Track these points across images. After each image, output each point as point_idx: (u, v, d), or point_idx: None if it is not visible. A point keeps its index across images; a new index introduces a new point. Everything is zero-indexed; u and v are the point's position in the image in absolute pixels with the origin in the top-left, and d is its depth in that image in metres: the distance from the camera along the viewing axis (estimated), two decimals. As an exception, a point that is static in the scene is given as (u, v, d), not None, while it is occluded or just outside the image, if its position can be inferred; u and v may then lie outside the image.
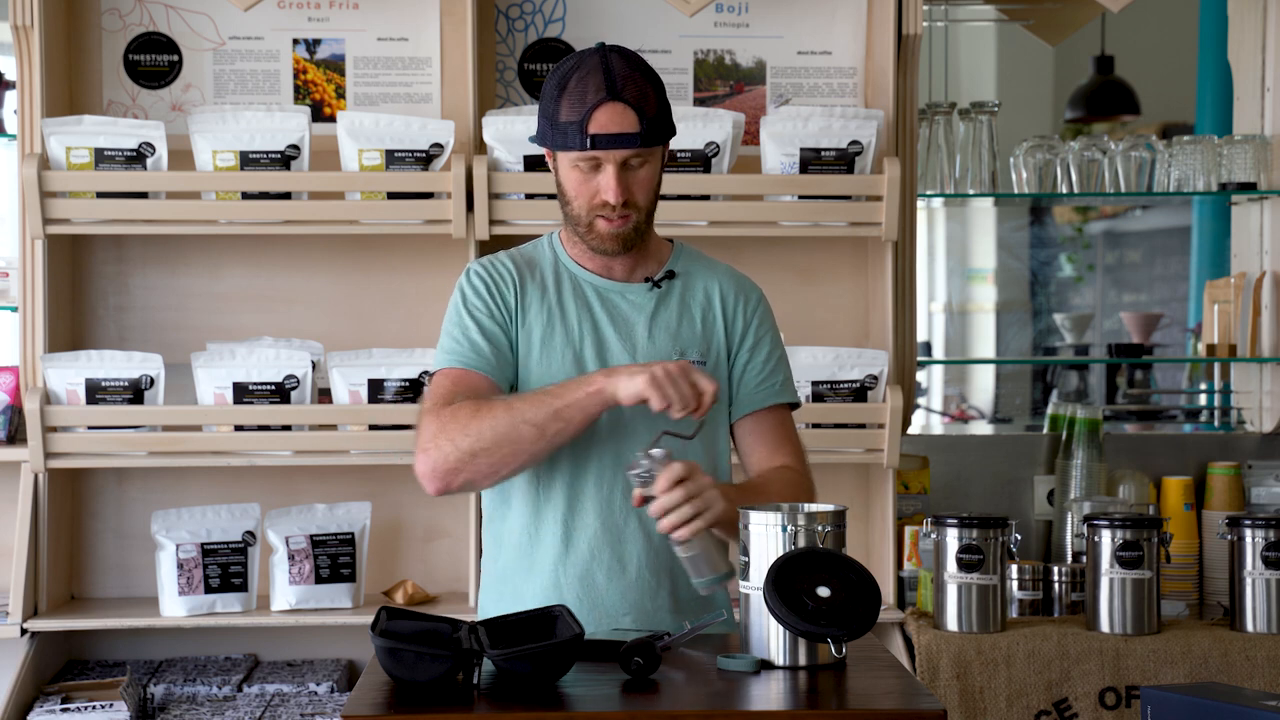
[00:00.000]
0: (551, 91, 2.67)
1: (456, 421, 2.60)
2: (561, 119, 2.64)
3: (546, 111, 2.68)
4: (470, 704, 2.22)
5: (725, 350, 2.80)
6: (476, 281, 2.76)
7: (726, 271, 2.87)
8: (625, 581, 2.71)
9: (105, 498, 3.92)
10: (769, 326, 2.86)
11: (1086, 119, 7.82)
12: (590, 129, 2.61)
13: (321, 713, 3.58)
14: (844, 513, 2.48)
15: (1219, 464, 4.15)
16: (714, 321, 2.80)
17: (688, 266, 2.83)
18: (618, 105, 2.61)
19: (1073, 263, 9.90)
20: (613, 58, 2.65)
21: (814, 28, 4.02)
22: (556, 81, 2.66)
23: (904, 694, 2.29)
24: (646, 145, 2.64)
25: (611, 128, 2.61)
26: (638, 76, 2.65)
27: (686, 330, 2.78)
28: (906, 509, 4.00)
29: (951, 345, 9.73)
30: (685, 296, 2.80)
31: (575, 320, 2.75)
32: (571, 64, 2.67)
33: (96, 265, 3.91)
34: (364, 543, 3.78)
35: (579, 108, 2.62)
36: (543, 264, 2.80)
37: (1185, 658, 3.50)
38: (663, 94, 2.69)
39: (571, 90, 2.63)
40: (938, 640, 3.51)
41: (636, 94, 2.63)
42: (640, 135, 2.62)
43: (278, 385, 3.67)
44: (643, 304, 2.77)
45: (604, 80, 2.61)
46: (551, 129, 2.67)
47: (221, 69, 3.92)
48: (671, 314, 2.78)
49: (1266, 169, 4.22)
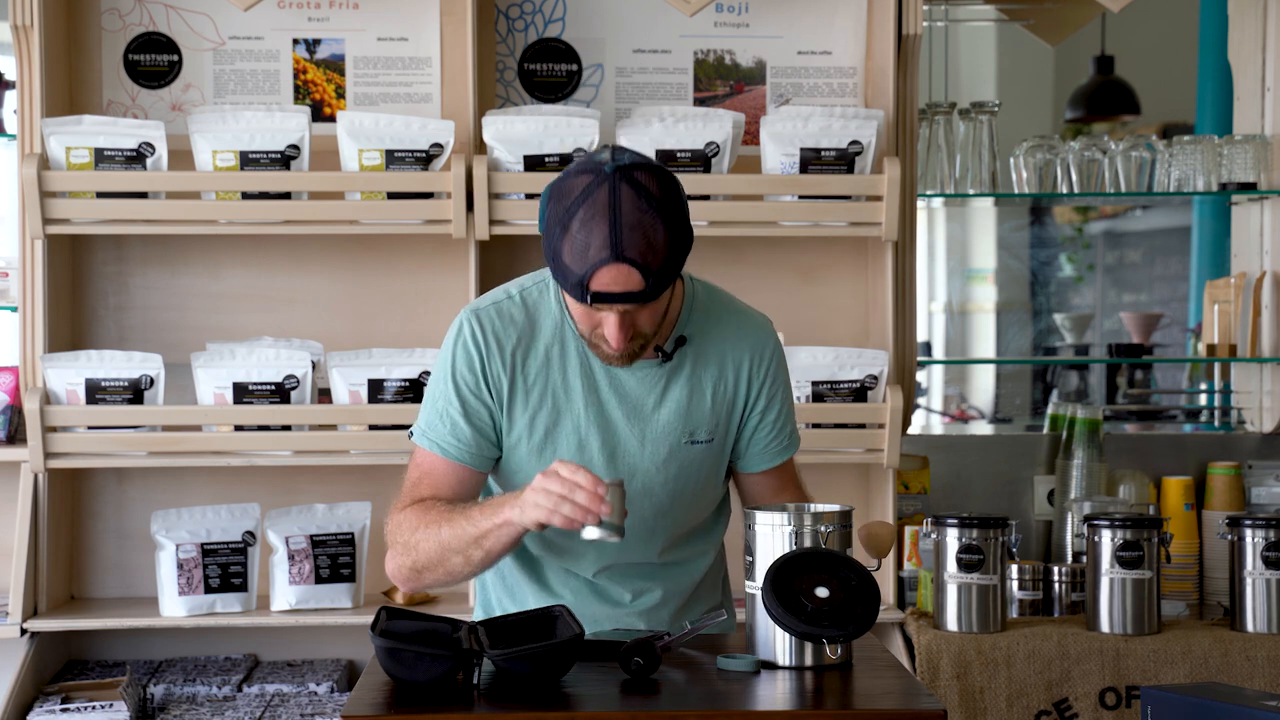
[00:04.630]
0: (555, 224, 2.46)
1: (402, 534, 2.60)
2: (564, 262, 2.45)
3: (550, 239, 2.47)
4: (470, 704, 2.22)
5: (737, 420, 2.70)
6: (471, 349, 2.61)
7: (739, 326, 2.71)
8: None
9: (105, 498, 3.92)
10: (780, 381, 2.73)
11: (1086, 119, 7.81)
12: (591, 286, 2.44)
13: (321, 713, 3.58)
14: (850, 513, 2.48)
15: (1219, 464, 4.15)
16: (724, 393, 2.67)
17: (700, 325, 2.67)
18: (621, 266, 2.42)
19: (1073, 263, 9.89)
20: (623, 193, 2.43)
21: (814, 28, 4.02)
22: (561, 213, 2.46)
23: (904, 694, 2.29)
24: (650, 300, 2.47)
25: (614, 287, 2.44)
26: (647, 219, 2.43)
27: (696, 408, 2.66)
28: (906, 509, 4.00)
29: (951, 345, 9.73)
30: (697, 369, 2.66)
31: (581, 405, 2.62)
32: (578, 194, 2.44)
33: (96, 265, 3.91)
34: (364, 543, 3.78)
35: (580, 261, 2.43)
36: (544, 323, 2.63)
37: (1185, 658, 3.50)
38: (676, 226, 2.47)
39: (575, 234, 2.43)
40: (938, 640, 3.51)
41: (643, 247, 2.42)
42: (644, 293, 2.45)
43: (278, 385, 3.67)
44: (653, 381, 2.64)
45: (608, 235, 2.41)
46: (554, 264, 2.48)
47: (221, 69, 3.92)
48: (682, 391, 2.65)
49: (1266, 169, 4.22)
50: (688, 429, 2.65)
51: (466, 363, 2.62)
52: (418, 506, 2.61)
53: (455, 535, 2.53)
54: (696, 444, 2.67)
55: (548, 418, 2.62)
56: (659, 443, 2.64)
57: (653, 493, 2.66)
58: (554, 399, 2.62)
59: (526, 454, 2.64)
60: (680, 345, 2.64)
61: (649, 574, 2.73)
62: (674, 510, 2.70)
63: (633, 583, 2.71)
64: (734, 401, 2.69)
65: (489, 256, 3.83)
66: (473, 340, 2.62)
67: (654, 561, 2.72)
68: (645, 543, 2.70)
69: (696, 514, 2.75)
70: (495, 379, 2.61)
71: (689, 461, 2.67)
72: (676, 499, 2.69)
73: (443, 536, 2.54)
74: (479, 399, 2.62)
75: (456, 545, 2.53)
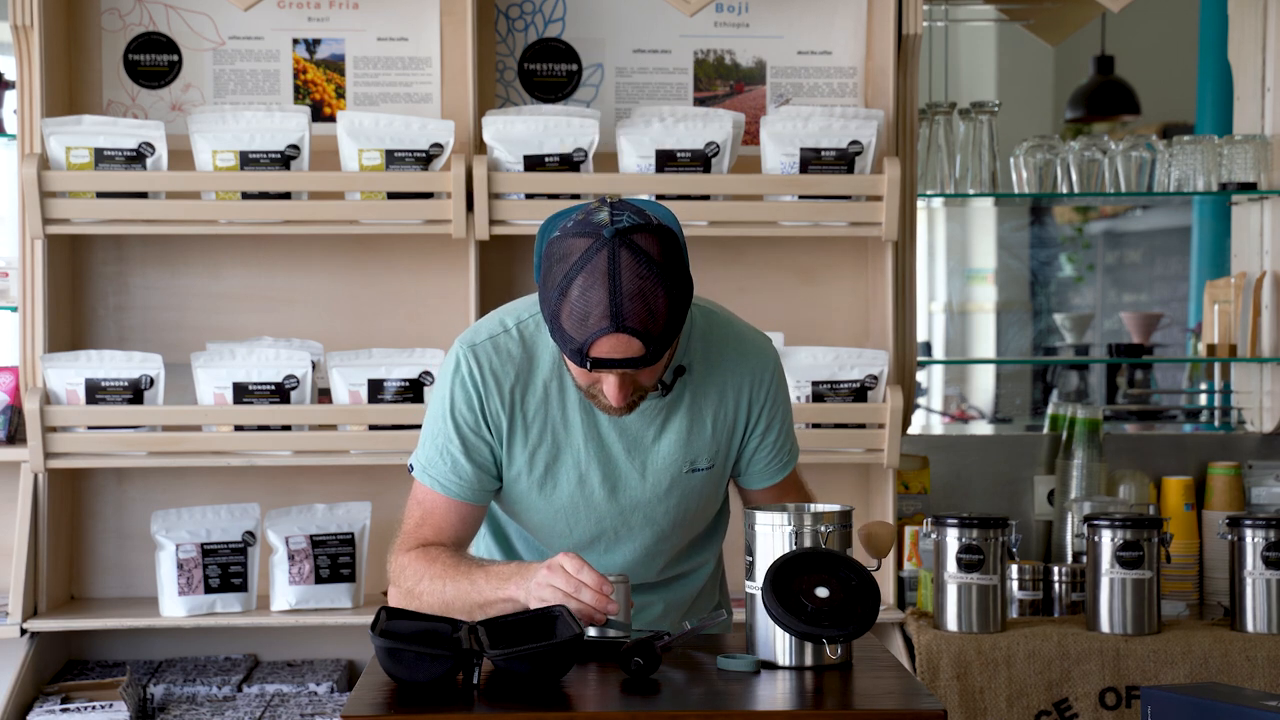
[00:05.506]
0: (554, 289, 2.41)
1: (406, 580, 2.61)
2: (563, 328, 2.41)
3: (548, 303, 2.43)
4: (470, 704, 2.22)
5: (737, 443, 2.68)
6: (470, 388, 2.58)
7: (739, 352, 2.67)
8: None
9: (105, 498, 3.92)
10: (780, 403, 2.70)
11: (1086, 119, 7.81)
12: (591, 354, 2.40)
13: (321, 713, 3.58)
14: (850, 513, 2.47)
15: (1219, 464, 4.15)
16: (724, 420, 2.65)
17: (700, 353, 2.63)
18: (621, 336, 2.38)
19: (1073, 263, 9.89)
20: (622, 259, 2.37)
21: (814, 28, 4.01)
22: (560, 279, 2.40)
23: (904, 694, 2.29)
24: (651, 364, 2.44)
25: (614, 354, 2.40)
26: (648, 286, 2.38)
27: (697, 438, 2.63)
28: (906, 509, 4.00)
29: (951, 345, 9.73)
30: (696, 398, 2.63)
31: (581, 440, 2.60)
32: (576, 260, 2.39)
33: (96, 265, 3.91)
34: (364, 543, 3.78)
35: (580, 329, 2.39)
36: (543, 359, 2.60)
37: (1185, 658, 3.50)
38: (677, 289, 2.42)
39: (574, 301, 2.38)
40: (938, 640, 3.51)
41: (644, 316, 2.38)
42: (644, 359, 2.41)
43: (278, 385, 3.67)
44: (652, 414, 2.61)
45: (608, 305, 2.36)
46: (553, 327, 2.44)
47: (221, 69, 3.92)
48: (682, 422, 2.62)
49: (1266, 169, 4.22)
50: (688, 458, 2.64)
51: (465, 401, 2.59)
52: (422, 555, 2.60)
53: (459, 596, 2.54)
54: (698, 471, 2.66)
55: (548, 454, 2.61)
56: (660, 474, 2.63)
57: (655, 522, 2.67)
58: (553, 435, 2.60)
59: (527, 488, 2.63)
60: (679, 375, 2.62)
61: (649, 589, 2.74)
62: (674, 535, 2.71)
63: (634, 597, 2.71)
64: (734, 427, 2.67)
65: (489, 256, 3.83)
66: (470, 379, 2.58)
67: (653, 580, 2.74)
68: (646, 566, 2.71)
69: (696, 529, 2.76)
70: (494, 416, 2.59)
71: (690, 489, 2.67)
72: (678, 525, 2.69)
73: (446, 594, 2.55)
74: (479, 436, 2.60)
75: (459, 606, 2.53)
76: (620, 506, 2.63)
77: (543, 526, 2.67)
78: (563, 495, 2.62)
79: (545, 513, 2.64)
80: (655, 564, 2.72)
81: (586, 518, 2.64)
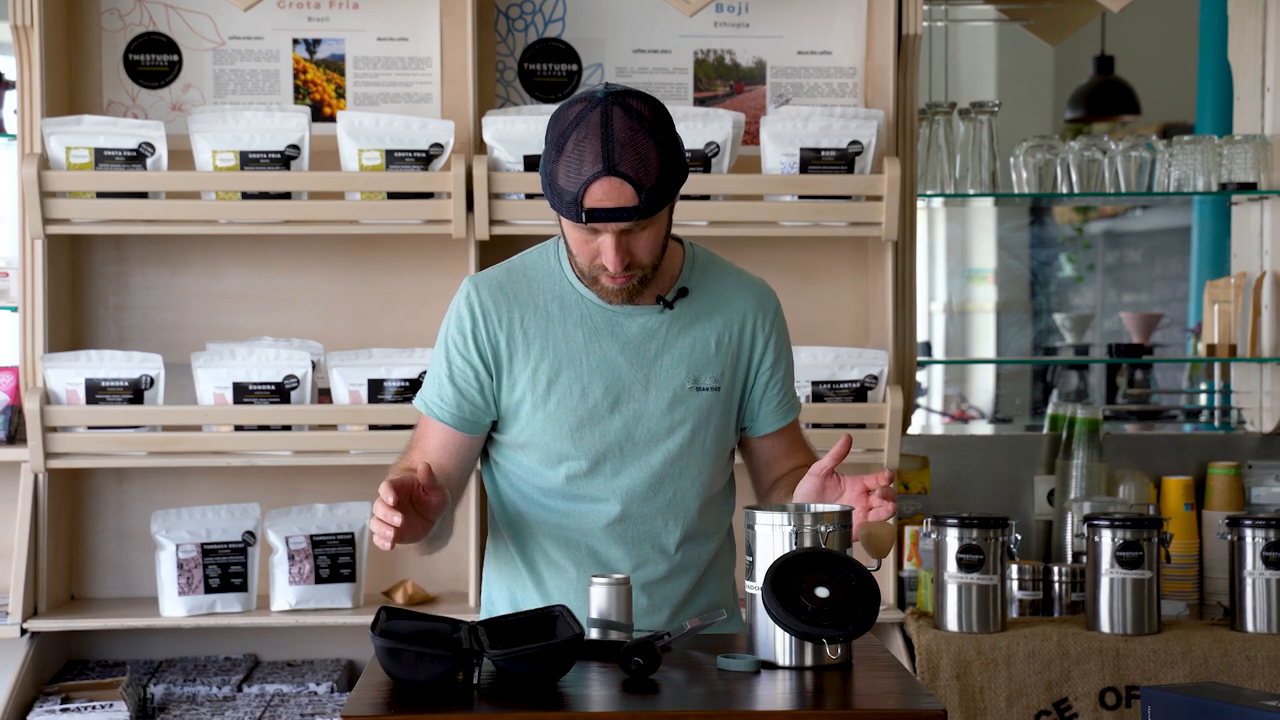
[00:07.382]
0: (551, 149, 2.53)
1: None
2: (559, 183, 2.50)
3: (546, 168, 2.54)
4: (470, 704, 2.22)
5: (743, 373, 2.73)
6: (464, 314, 2.67)
7: (740, 283, 2.75)
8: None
9: (105, 498, 3.92)
10: (784, 336, 2.78)
11: (1086, 119, 7.82)
12: (585, 203, 2.48)
13: (321, 713, 3.58)
14: (850, 513, 2.48)
15: (1219, 464, 4.15)
16: (729, 345, 2.70)
17: (701, 279, 2.71)
18: (614, 180, 2.46)
19: (1073, 263, 9.90)
20: (615, 114, 2.48)
21: (814, 28, 4.02)
22: (556, 138, 2.52)
23: (904, 694, 2.29)
24: (645, 217, 2.50)
25: (607, 202, 2.47)
26: (639, 138, 2.48)
27: (701, 354, 2.68)
28: (906, 509, 4.00)
29: (951, 345, 9.73)
30: (700, 318, 2.69)
31: (583, 353, 2.65)
32: (572, 119, 2.50)
33: (96, 265, 3.91)
34: (364, 543, 3.78)
35: (574, 178, 2.48)
36: (546, 284, 2.68)
37: (1185, 658, 3.50)
38: (669, 148, 2.52)
39: (569, 154, 2.48)
40: (938, 640, 3.51)
41: (635, 163, 2.47)
42: (638, 209, 2.48)
43: (278, 385, 3.67)
44: (655, 328, 2.67)
45: (601, 150, 2.46)
46: (550, 189, 2.53)
47: (221, 69, 3.92)
48: (685, 337, 2.68)
49: (1266, 169, 4.22)
50: (692, 374, 2.68)
51: (458, 326, 2.68)
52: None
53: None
54: (703, 390, 2.68)
55: (549, 370, 2.65)
56: (663, 387, 2.66)
57: (659, 439, 2.67)
58: (555, 351, 2.65)
59: (531, 409, 2.66)
60: (682, 295, 2.68)
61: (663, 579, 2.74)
62: (682, 462, 2.68)
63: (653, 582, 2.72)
64: (739, 352, 2.71)
65: (489, 256, 3.82)
66: (466, 305, 2.68)
67: (671, 550, 2.72)
68: (654, 491, 2.68)
69: (705, 476, 2.72)
70: (491, 339, 2.66)
71: (696, 409, 2.68)
72: (685, 450, 2.68)
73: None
74: (465, 360, 2.66)
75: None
76: (624, 419, 2.65)
77: (550, 451, 2.67)
78: (565, 409, 2.65)
79: (549, 433, 2.66)
80: (663, 493, 2.69)
81: (590, 433, 2.65)
